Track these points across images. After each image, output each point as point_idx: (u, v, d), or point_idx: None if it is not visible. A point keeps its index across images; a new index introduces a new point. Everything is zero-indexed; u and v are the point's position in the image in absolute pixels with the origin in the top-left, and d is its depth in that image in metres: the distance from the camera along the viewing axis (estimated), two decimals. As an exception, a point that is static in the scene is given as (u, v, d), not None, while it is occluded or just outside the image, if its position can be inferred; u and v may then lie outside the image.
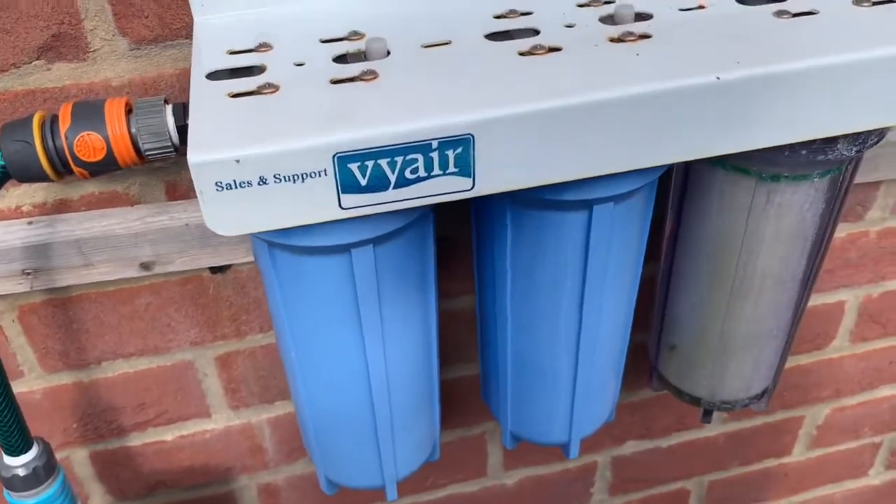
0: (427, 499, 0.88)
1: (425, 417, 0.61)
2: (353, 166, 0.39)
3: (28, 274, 0.57)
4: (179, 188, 0.58)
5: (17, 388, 0.65)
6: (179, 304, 0.64)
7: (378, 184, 0.40)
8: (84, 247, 0.57)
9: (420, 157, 0.40)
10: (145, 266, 0.59)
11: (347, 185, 0.40)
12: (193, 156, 0.37)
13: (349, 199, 0.41)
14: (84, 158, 0.43)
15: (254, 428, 0.74)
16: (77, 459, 0.72)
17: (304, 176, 0.39)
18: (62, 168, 0.44)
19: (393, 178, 0.40)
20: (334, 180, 0.40)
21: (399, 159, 0.40)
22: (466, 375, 0.77)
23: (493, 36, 0.47)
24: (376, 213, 0.42)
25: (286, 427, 0.75)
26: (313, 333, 0.51)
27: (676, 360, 0.69)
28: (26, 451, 0.54)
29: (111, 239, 0.57)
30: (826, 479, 1.08)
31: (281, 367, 0.71)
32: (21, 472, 0.53)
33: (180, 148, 0.45)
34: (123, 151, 0.44)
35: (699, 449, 0.96)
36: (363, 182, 0.40)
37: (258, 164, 0.38)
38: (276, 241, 0.45)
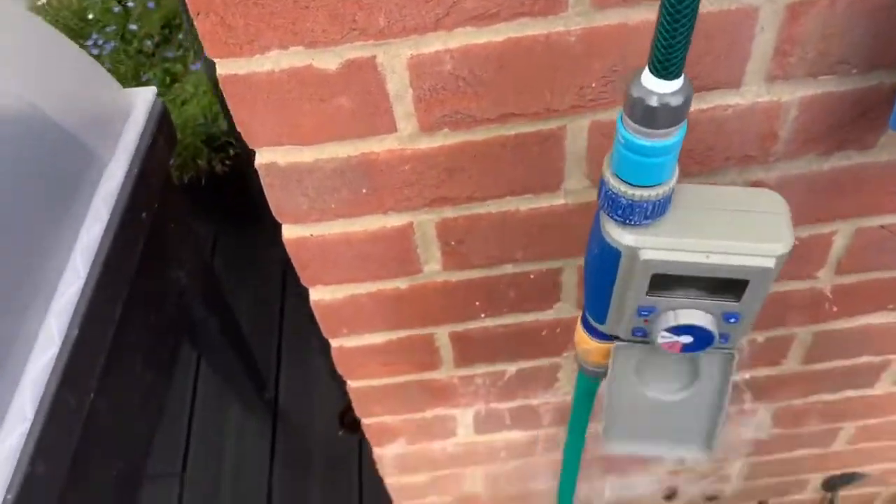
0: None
1: None
2: None
3: None
4: None
5: (553, 26, 0.53)
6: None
7: None
8: None
9: None
10: None
11: None
12: None
13: None
14: None
15: (780, 108, 0.61)
16: (573, 128, 0.61)
17: None
18: None
19: None
20: None
21: None
22: None
23: None
24: None
25: (816, 110, 0.61)
26: None
27: None
28: (678, 77, 0.42)
29: None
30: None
31: (856, 26, 0.55)
32: (672, 102, 0.42)
33: None
34: None
35: None
36: None
37: None
38: None
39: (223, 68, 0.54)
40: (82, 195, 0.92)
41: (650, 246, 0.50)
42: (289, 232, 0.69)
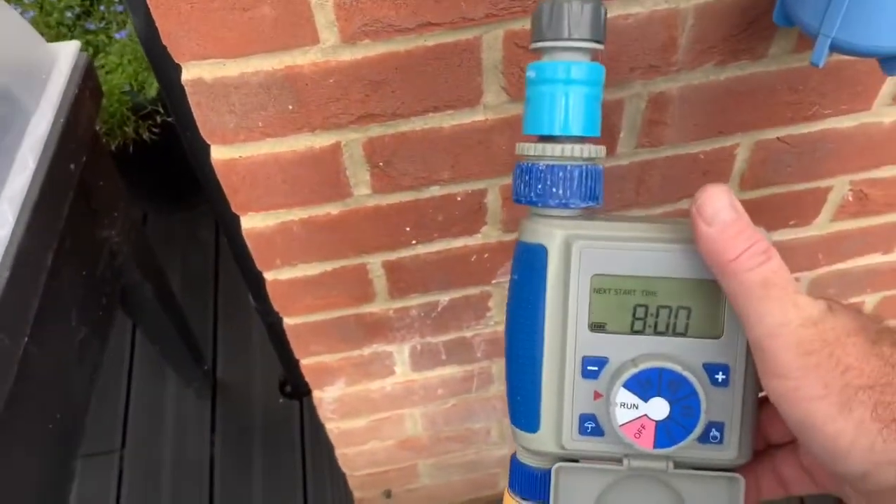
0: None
1: None
2: None
3: None
4: None
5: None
6: None
7: None
8: None
9: None
10: None
11: None
12: None
13: None
14: None
15: (678, 16, 0.66)
16: (488, 39, 0.65)
17: None
18: None
19: None
20: None
21: None
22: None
23: None
24: None
25: (709, 18, 0.66)
26: None
27: None
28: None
29: None
30: None
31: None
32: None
33: None
34: None
35: None
36: None
37: None
38: None
39: (146, -26, 0.56)
40: (8, 145, 0.92)
41: (584, 233, 0.39)
42: (217, 153, 0.70)
